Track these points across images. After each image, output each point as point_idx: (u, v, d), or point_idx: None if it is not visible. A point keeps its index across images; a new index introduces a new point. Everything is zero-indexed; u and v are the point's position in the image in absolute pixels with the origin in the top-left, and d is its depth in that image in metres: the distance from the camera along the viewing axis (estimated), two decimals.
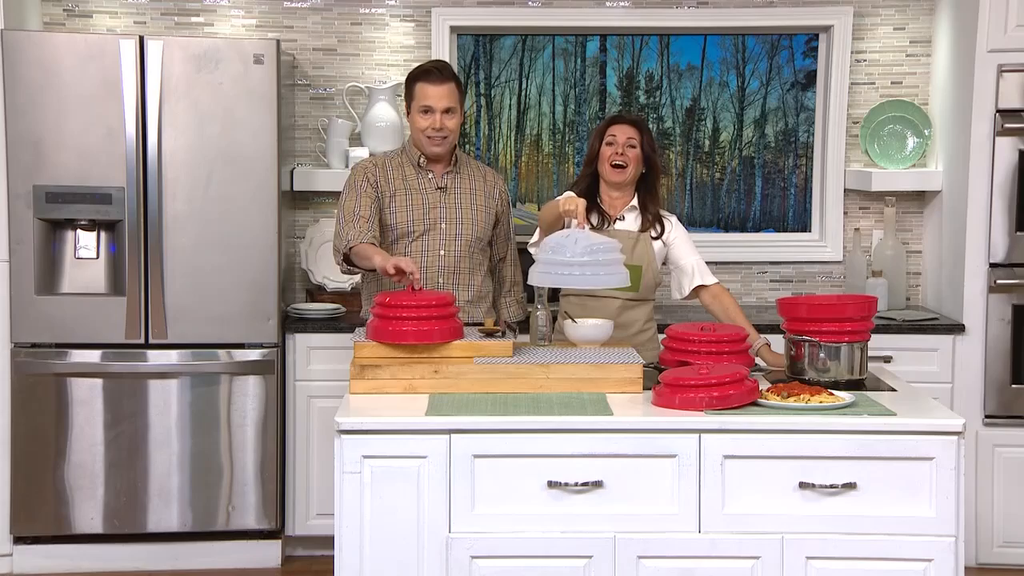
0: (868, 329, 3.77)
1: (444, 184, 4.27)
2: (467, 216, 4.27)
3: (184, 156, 4.74)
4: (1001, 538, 4.91)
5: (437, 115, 4.15)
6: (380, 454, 3.30)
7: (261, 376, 4.83)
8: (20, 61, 4.66)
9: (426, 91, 4.16)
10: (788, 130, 5.49)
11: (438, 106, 4.15)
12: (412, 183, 4.25)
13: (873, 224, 5.45)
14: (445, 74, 4.20)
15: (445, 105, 4.15)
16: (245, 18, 5.31)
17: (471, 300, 4.29)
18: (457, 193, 4.27)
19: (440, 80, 4.16)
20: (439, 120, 4.15)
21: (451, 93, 4.17)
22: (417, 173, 4.26)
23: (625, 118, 4.31)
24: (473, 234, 4.27)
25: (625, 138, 4.19)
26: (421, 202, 4.23)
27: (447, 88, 4.16)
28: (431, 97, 4.15)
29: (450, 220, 4.25)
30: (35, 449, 4.78)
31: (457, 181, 4.29)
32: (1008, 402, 4.90)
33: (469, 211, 4.28)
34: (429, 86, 4.16)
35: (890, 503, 3.29)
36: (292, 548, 5.05)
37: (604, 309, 4.20)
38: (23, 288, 4.73)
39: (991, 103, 4.84)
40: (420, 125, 4.18)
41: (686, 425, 3.30)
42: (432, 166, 4.28)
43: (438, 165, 4.28)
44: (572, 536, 3.29)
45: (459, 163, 4.32)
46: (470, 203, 4.29)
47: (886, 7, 5.37)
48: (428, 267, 4.22)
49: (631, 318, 4.22)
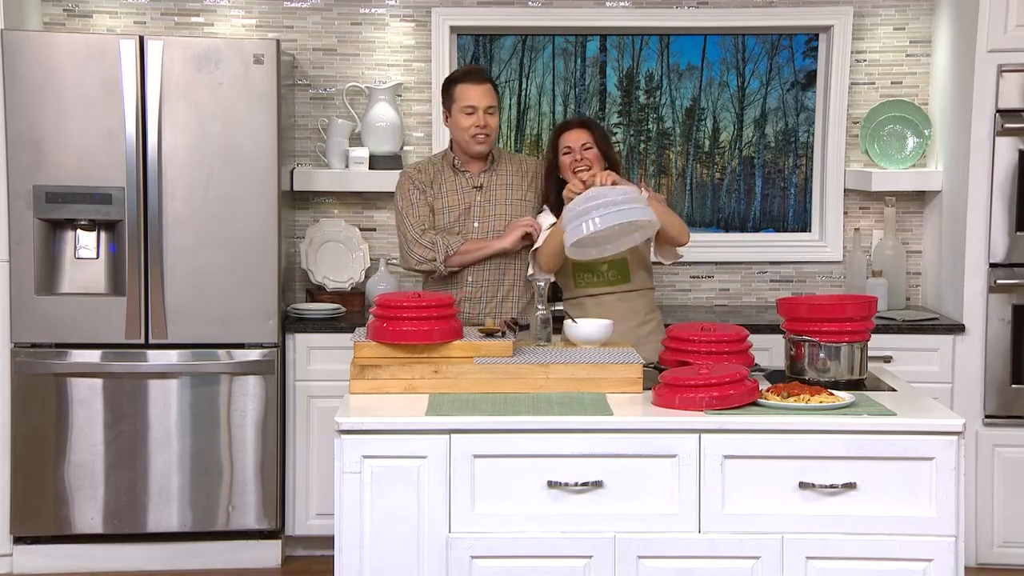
0: (868, 329, 3.77)
1: (481, 183, 4.40)
2: (501, 212, 4.39)
3: (184, 156, 4.74)
4: (1001, 538, 4.91)
5: (480, 114, 4.31)
6: (380, 454, 3.30)
7: (261, 376, 4.83)
8: (20, 61, 4.66)
9: (468, 92, 4.32)
10: (788, 130, 5.49)
11: (481, 105, 4.31)
12: (450, 185, 4.40)
13: (873, 224, 5.44)
14: (484, 75, 4.41)
15: (487, 104, 4.32)
16: (245, 18, 5.31)
17: (504, 297, 4.33)
18: (493, 190, 4.40)
19: (480, 80, 4.35)
20: (482, 118, 4.31)
21: (491, 93, 4.36)
22: (455, 175, 4.41)
23: (572, 123, 4.40)
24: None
25: (580, 144, 4.27)
26: (457, 203, 4.38)
27: (487, 88, 4.35)
28: (474, 97, 4.31)
29: (484, 218, 4.38)
30: (35, 449, 4.78)
31: (494, 179, 4.42)
32: (1008, 402, 4.90)
33: (503, 207, 4.40)
34: (471, 87, 4.32)
35: (890, 503, 3.29)
36: (292, 548, 5.05)
37: (601, 307, 4.21)
38: (23, 288, 4.73)
39: (991, 103, 4.84)
40: (464, 124, 4.32)
41: (686, 425, 3.31)
42: (469, 166, 4.41)
43: (475, 164, 4.41)
44: (572, 536, 3.29)
45: (496, 160, 4.44)
46: (505, 199, 4.40)
47: (886, 7, 5.37)
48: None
49: (631, 309, 4.24)
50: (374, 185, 5.18)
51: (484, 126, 4.31)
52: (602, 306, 4.22)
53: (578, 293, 4.30)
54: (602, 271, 4.25)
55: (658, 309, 4.42)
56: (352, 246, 5.29)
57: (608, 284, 4.26)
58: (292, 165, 5.22)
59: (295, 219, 5.33)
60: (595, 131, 4.32)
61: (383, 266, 5.26)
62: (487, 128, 4.33)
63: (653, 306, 4.36)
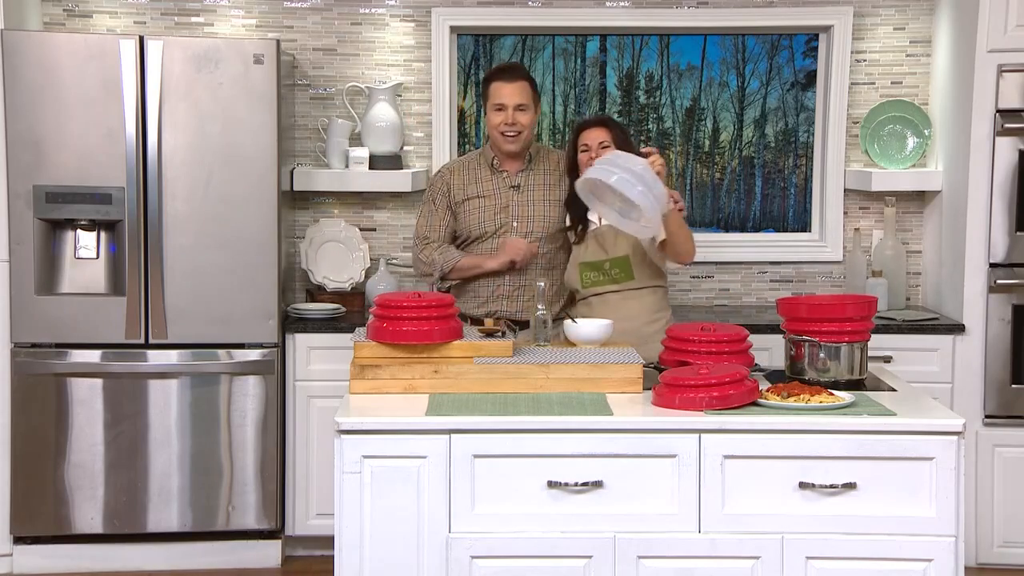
0: (868, 329, 3.77)
1: (518, 182, 4.41)
2: (539, 212, 4.41)
3: (184, 156, 4.74)
4: (1001, 538, 4.91)
5: (509, 111, 4.32)
6: (380, 454, 3.30)
7: (261, 376, 4.83)
8: (20, 61, 4.66)
9: (499, 89, 4.35)
10: (788, 130, 5.49)
11: (510, 102, 4.32)
12: (486, 185, 4.42)
13: (873, 224, 5.44)
14: (517, 73, 4.41)
15: (517, 102, 4.33)
16: (245, 18, 5.31)
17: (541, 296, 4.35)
18: (531, 190, 4.42)
19: (512, 78, 4.36)
20: (511, 115, 4.32)
21: (523, 90, 4.36)
22: (492, 174, 4.43)
23: (591, 121, 4.41)
24: (545, 229, 4.41)
25: (597, 143, 4.27)
26: (493, 203, 4.41)
27: (519, 85, 4.35)
28: (504, 95, 4.33)
29: (522, 218, 4.39)
30: (35, 449, 4.78)
31: (532, 178, 4.43)
32: (1008, 402, 4.90)
33: (542, 206, 4.41)
34: (502, 84, 4.35)
35: (890, 503, 3.29)
36: (292, 548, 5.05)
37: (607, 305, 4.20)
38: (23, 288, 4.73)
39: (991, 103, 4.84)
40: (493, 122, 4.36)
41: (686, 425, 3.31)
42: (506, 165, 4.42)
43: (513, 163, 4.43)
44: (572, 536, 3.29)
45: (534, 159, 4.46)
46: (543, 198, 4.42)
47: (886, 7, 5.37)
48: None
49: (638, 308, 4.23)
50: (374, 185, 5.18)
51: (513, 124, 4.32)
52: (608, 305, 4.22)
53: (585, 293, 4.30)
54: (605, 269, 4.25)
55: (669, 308, 4.38)
56: (352, 246, 5.29)
57: (613, 282, 4.26)
58: (292, 165, 5.22)
59: (295, 219, 5.33)
60: (614, 130, 4.31)
61: (383, 266, 5.26)
62: (516, 126, 4.33)
63: (663, 305, 4.32)
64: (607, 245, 4.25)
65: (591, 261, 4.26)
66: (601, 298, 4.25)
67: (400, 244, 5.39)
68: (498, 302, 4.40)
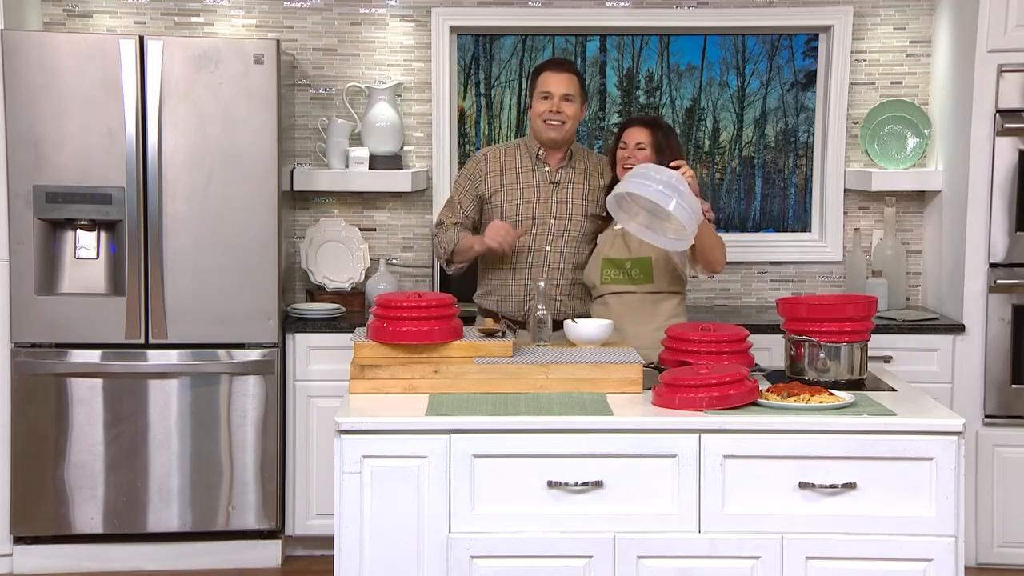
0: (868, 329, 3.77)
1: (558, 179, 4.40)
2: (577, 211, 4.40)
3: (184, 156, 4.74)
4: (1001, 538, 4.91)
5: (555, 99, 4.32)
6: (380, 454, 3.30)
7: (261, 376, 4.83)
8: (20, 61, 4.66)
9: (547, 79, 4.36)
10: (788, 130, 5.49)
11: (556, 91, 4.33)
12: (526, 176, 4.40)
13: (873, 224, 5.44)
14: (567, 66, 4.43)
15: (563, 91, 4.33)
16: (245, 18, 5.31)
17: (577, 295, 4.38)
18: (569, 188, 4.40)
19: (560, 69, 4.39)
20: (557, 103, 4.32)
21: (571, 81, 4.36)
22: (533, 165, 4.41)
23: (636, 120, 4.37)
24: (581, 230, 4.40)
25: (634, 143, 4.24)
26: (532, 196, 4.38)
27: (566, 76, 4.36)
28: (551, 84, 4.34)
29: (560, 216, 4.38)
30: (35, 449, 4.78)
31: (571, 176, 4.42)
32: (1008, 402, 4.90)
33: (580, 206, 4.41)
34: (550, 74, 4.37)
35: (890, 503, 3.29)
36: (292, 548, 5.05)
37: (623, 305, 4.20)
38: (23, 288, 4.73)
39: (991, 103, 4.84)
40: (539, 110, 4.36)
41: (686, 425, 3.31)
42: (549, 158, 4.41)
43: (554, 157, 4.41)
44: (572, 536, 3.30)
45: (574, 158, 4.45)
46: (582, 197, 4.41)
47: (886, 7, 5.37)
48: (534, 262, 4.36)
49: (652, 311, 4.21)
50: (374, 185, 5.18)
51: (558, 112, 4.31)
52: (624, 304, 4.21)
53: (603, 291, 4.28)
54: (626, 268, 4.23)
55: (686, 316, 4.34)
56: (352, 246, 5.29)
57: (632, 282, 4.24)
58: (292, 165, 5.22)
59: (295, 219, 5.33)
60: (657, 133, 4.25)
61: (383, 266, 5.26)
62: (561, 115, 4.32)
63: (677, 312, 4.27)
64: (632, 245, 4.22)
65: (613, 258, 4.24)
66: (618, 297, 4.24)
67: (400, 244, 5.40)
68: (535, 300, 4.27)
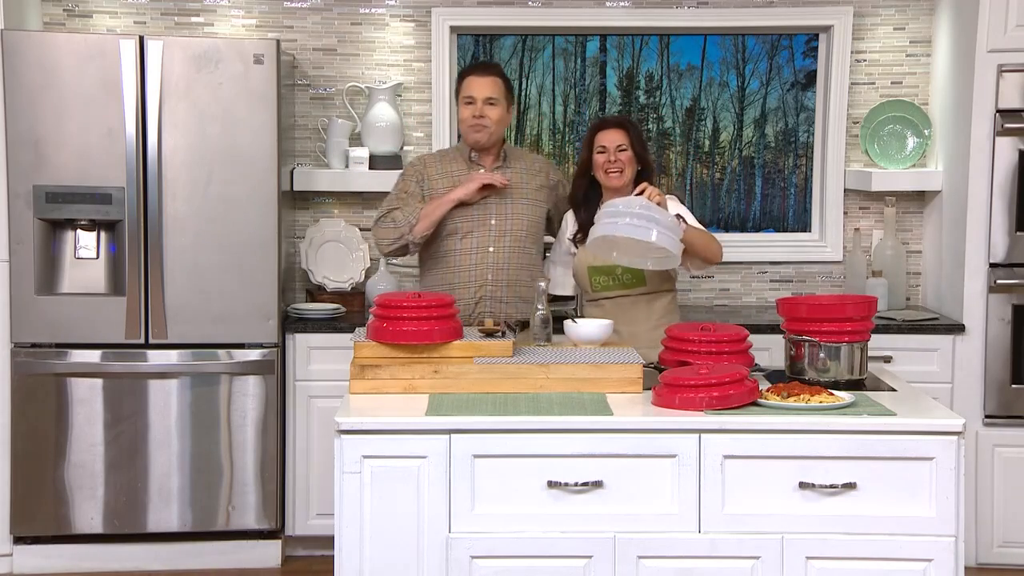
0: (868, 329, 3.77)
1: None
2: (517, 211, 4.38)
3: (184, 156, 4.74)
4: (1001, 538, 4.91)
5: (478, 104, 4.31)
6: (380, 454, 3.30)
7: (261, 376, 4.83)
8: (20, 61, 4.66)
9: (470, 83, 4.36)
10: (788, 130, 5.49)
11: (479, 95, 4.32)
12: (461, 179, 4.37)
13: (873, 224, 5.44)
14: (490, 69, 4.44)
15: (486, 95, 4.33)
16: (245, 18, 5.31)
17: (522, 297, 4.32)
18: (507, 189, 4.37)
19: (484, 72, 4.39)
20: (480, 108, 4.31)
21: (494, 85, 4.36)
22: (468, 168, 4.41)
23: (610, 122, 4.36)
24: (524, 229, 4.37)
25: (615, 145, 4.24)
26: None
27: (490, 80, 4.36)
28: (474, 88, 4.34)
29: (500, 215, 4.35)
30: (35, 449, 4.78)
31: (508, 175, 4.40)
32: (1008, 402, 4.90)
33: (519, 205, 4.38)
34: (474, 78, 4.37)
35: (890, 503, 3.29)
36: (292, 548, 5.05)
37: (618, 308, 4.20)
38: (23, 288, 4.73)
39: (991, 103, 4.84)
40: (463, 115, 4.36)
41: (686, 425, 3.31)
42: (482, 160, 4.40)
43: (487, 159, 4.41)
44: (572, 536, 3.29)
45: (508, 157, 4.45)
46: (521, 197, 4.40)
47: (886, 7, 5.37)
48: (478, 264, 4.32)
49: (647, 312, 4.22)
50: (374, 185, 5.18)
51: (481, 116, 4.31)
52: (619, 308, 4.22)
53: (595, 296, 4.29)
54: (617, 274, 4.24)
55: (678, 313, 4.38)
56: (352, 246, 5.29)
57: (623, 287, 4.25)
58: (292, 165, 5.22)
59: (295, 219, 5.33)
60: (631, 132, 4.28)
61: (383, 266, 5.26)
62: (484, 119, 4.32)
63: (671, 309, 4.31)
64: None
65: (601, 266, 4.23)
66: (612, 300, 4.25)
67: None
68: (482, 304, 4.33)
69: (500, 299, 4.33)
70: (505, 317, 4.22)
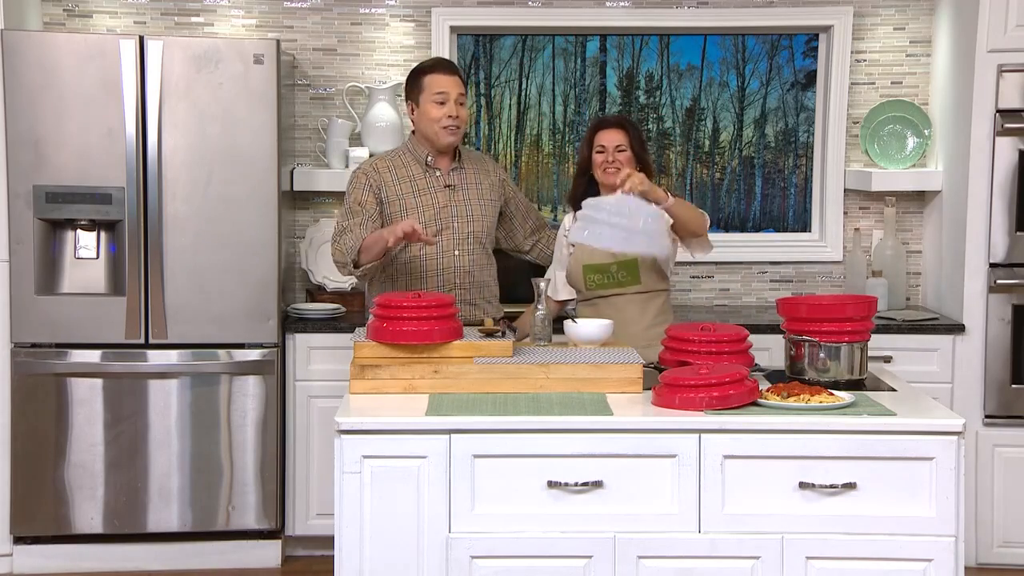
0: (868, 329, 3.77)
1: (452, 182, 4.28)
2: (477, 212, 4.30)
3: (184, 156, 4.74)
4: (1001, 538, 4.91)
5: (452, 103, 4.18)
6: (380, 454, 3.30)
7: (261, 376, 4.83)
8: (20, 61, 4.66)
9: (440, 81, 4.20)
10: (788, 130, 5.50)
11: (453, 93, 4.19)
12: (419, 184, 4.25)
13: (873, 224, 5.45)
14: (454, 67, 4.29)
15: (459, 92, 4.21)
16: (245, 18, 5.31)
17: (486, 298, 4.31)
18: (465, 190, 4.30)
19: (452, 71, 4.24)
20: (454, 108, 4.19)
21: (462, 83, 4.25)
22: (424, 172, 4.27)
23: (610, 121, 4.31)
24: (484, 230, 4.32)
25: (614, 145, 4.22)
26: (430, 202, 4.24)
27: (457, 79, 4.24)
28: (446, 85, 4.18)
29: (462, 218, 4.27)
30: (35, 449, 4.78)
31: (464, 176, 4.32)
32: (1008, 402, 4.90)
33: (478, 206, 4.31)
34: (442, 76, 4.21)
35: (890, 503, 3.29)
36: (292, 548, 5.05)
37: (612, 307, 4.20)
38: (23, 288, 4.73)
39: (991, 103, 4.84)
40: (435, 115, 4.18)
41: (686, 425, 3.30)
42: (439, 163, 4.28)
43: (444, 161, 4.29)
44: (572, 536, 3.29)
45: (462, 158, 4.35)
46: (478, 198, 4.32)
47: (886, 7, 5.37)
48: (444, 268, 4.25)
49: (642, 311, 4.22)
50: None
51: (456, 116, 4.18)
52: (613, 307, 4.21)
53: (589, 295, 4.29)
54: (612, 272, 4.23)
55: (672, 311, 4.37)
56: None
57: (618, 285, 4.24)
58: (292, 165, 5.22)
59: (295, 219, 5.33)
60: (631, 132, 4.24)
61: None
62: (459, 119, 4.20)
63: (665, 307, 4.30)
64: None
65: (596, 264, 4.23)
66: (607, 300, 4.25)
67: None
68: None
69: (470, 301, 4.28)
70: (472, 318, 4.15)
